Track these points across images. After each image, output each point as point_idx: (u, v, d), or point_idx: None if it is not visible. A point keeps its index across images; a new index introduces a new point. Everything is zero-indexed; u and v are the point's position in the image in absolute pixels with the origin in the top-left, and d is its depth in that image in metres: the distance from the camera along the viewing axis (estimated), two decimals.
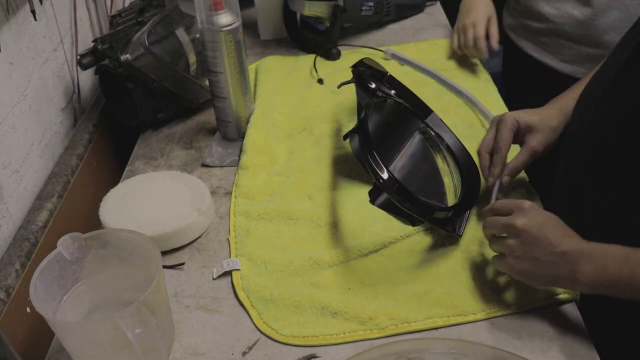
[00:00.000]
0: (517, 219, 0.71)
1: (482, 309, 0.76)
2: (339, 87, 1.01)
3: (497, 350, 0.68)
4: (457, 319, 0.75)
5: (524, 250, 0.70)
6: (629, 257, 0.66)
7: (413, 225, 0.86)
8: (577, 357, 0.70)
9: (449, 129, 0.98)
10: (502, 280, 0.78)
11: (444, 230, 0.83)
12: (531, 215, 0.71)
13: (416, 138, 0.97)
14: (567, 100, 0.88)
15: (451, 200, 0.90)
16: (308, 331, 0.75)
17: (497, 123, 0.87)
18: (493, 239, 0.75)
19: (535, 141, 0.85)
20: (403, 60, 1.25)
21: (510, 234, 0.72)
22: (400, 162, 0.92)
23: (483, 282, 0.79)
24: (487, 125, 1.05)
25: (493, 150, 0.86)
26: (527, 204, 0.73)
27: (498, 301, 0.76)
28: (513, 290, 0.77)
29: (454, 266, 0.81)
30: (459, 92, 1.14)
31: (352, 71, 1.02)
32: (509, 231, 0.72)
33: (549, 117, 0.87)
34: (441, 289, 0.78)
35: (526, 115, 0.87)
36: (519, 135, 0.87)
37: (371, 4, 1.34)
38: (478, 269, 0.81)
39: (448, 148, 0.95)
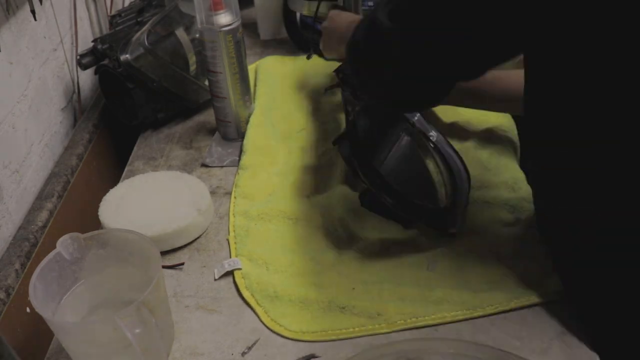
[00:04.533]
0: None
1: (489, 304, 0.75)
2: (324, 92, 1.00)
3: (497, 350, 0.68)
4: (466, 313, 0.75)
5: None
6: None
7: (406, 227, 0.86)
8: (577, 357, 0.70)
9: (437, 129, 0.97)
10: (506, 275, 0.78)
11: (439, 231, 0.83)
12: None
13: (404, 139, 0.96)
14: None
15: (443, 200, 0.89)
16: (317, 326, 0.75)
17: None
18: None
19: None
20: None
21: None
22: (390, 164, 0.91)
23: (488, 279, 0.79)
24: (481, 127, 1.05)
25: None
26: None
27: (504, 297, 0.76)
28: (517, 285, 0.77)
29: (458, 265, 0.81)
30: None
31: (337, 75, 1.01)
32: None
33: None
34: (446, 287, 0.78)
35: None
36: None
37: (371, 4, 1.34)
38: (482, 265, 0.81)
39: (436, 148, 0.94)
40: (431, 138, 0.95)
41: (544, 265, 0.79)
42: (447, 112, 1.08)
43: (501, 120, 1.07)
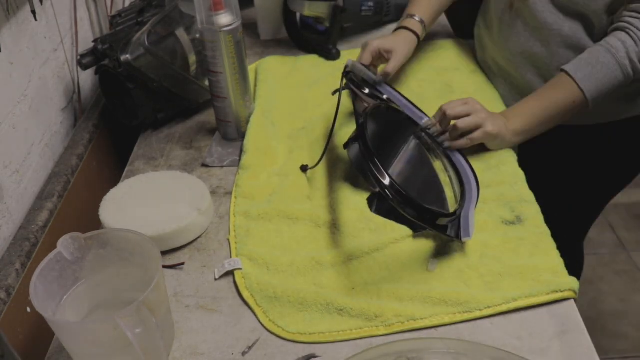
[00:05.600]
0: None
1: (487, 306, 0.76)
2: (333, 94, 0.99)
3: (497, 350, 0.68)
4: (463, 315, 0.75)
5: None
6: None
7: (415, 231, 0.85)
8: (577, 357, 0.70)
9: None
10: (505, 278, 0.78)
11: (448, 237, 0.82)
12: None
13: (412, 143, 0.96)
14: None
15: (452, 205, 0.89)
16: (314, 328, 0.75)
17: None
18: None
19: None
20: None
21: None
22: (398, 168, 0.91)
23: (487, 281, 0.79)
24: None
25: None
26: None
27: (502, 298, 0.76)
28: (516, 288, 0.77)
29: (458, 265, 0.81)
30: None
31: (344, 76, 1.01)
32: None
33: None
34: (445, 288, 0.78)
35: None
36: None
37: (371, 4, 1.34)
38: (481, 266, 0.81)
39: (445, 153, 0.94)
40: (440, 143, 0.95)
41: (544, 265, 0.79)
42: None
43: None
